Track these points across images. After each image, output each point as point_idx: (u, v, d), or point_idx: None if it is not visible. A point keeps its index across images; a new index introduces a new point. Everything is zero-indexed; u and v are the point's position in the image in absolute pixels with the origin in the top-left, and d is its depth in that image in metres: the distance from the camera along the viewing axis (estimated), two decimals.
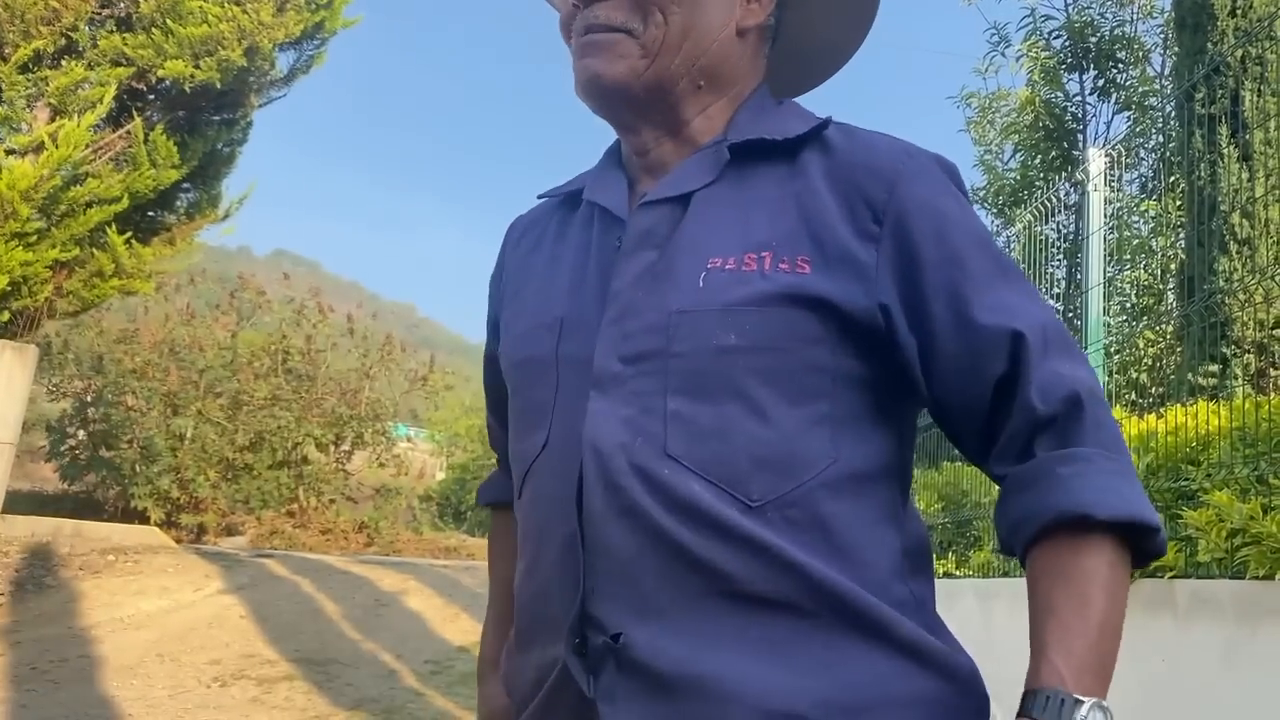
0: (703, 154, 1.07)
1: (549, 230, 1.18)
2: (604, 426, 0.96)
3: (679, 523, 0.93)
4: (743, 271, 0.98)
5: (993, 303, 0.97)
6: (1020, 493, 0.94)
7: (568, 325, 1.04)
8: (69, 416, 14.65)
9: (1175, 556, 3.47)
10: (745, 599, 0.92)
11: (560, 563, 0.98)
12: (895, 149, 1.03)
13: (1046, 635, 0.88)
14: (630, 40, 1.05)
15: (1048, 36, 8.80)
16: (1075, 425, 0.93)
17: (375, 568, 10.21)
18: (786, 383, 0.96)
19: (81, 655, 6.97)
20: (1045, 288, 6.41)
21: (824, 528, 0.95)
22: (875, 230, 0.99)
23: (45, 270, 8.27)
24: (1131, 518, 0.89)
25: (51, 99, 8.42)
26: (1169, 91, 7.82)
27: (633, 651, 0.92)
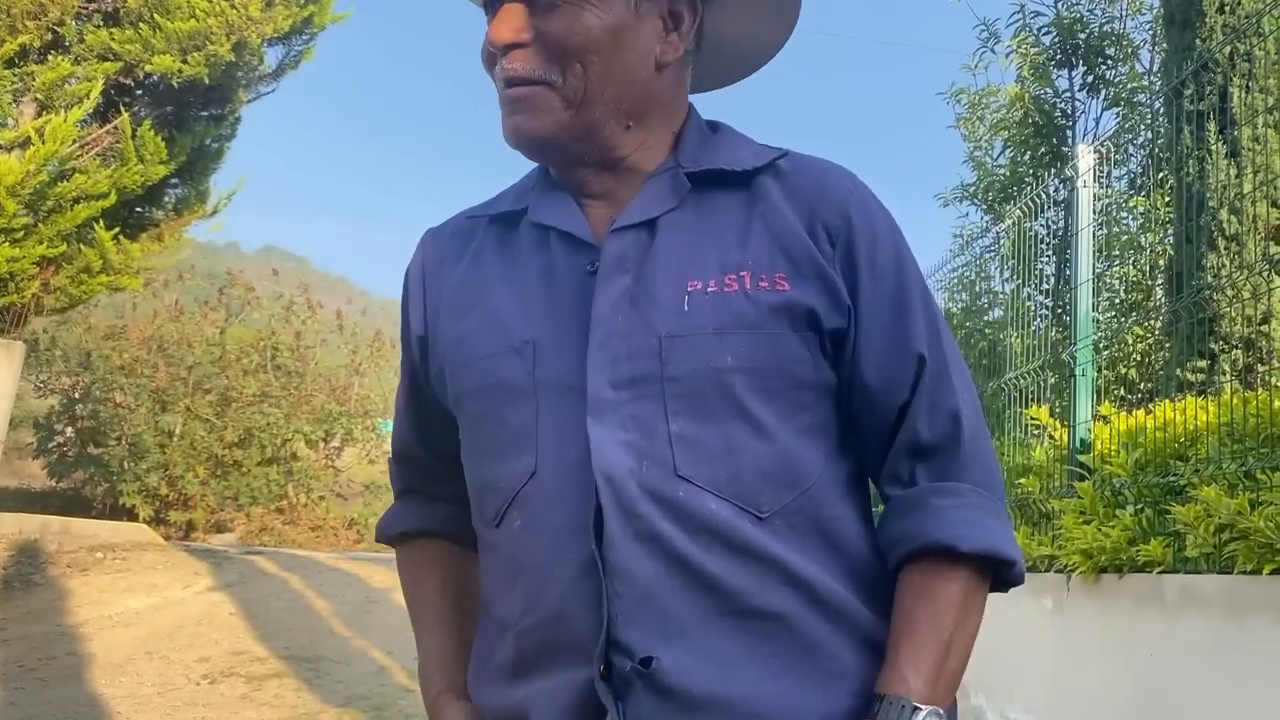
0: (660, 180, 1.09)
1: (484, 247, 1.16)
2: (610, 453, 0.98)
3: (697, 543, 0.97)
4: (725, 293, 1.02)
5: (911, 331, 1.06)
6: (899, 516, 1.04)
7: (542, 350, 1.05)
8: (57, 413, 14.59)
9: (1164, 552, 3.49)
10: (754, 615, 0.98)
11: (575, 589, 0.99)
12: (844, 177, 1.11)
13: (901, 648, 0.98)
14: (551, 93, 1.05)
15: (1037, 33, 8.81)
16: (955, 459, 1.05)
17: (365, 564, 10.19)
18: (780, 398, 1.02)
19: (70, 653, 6.95)
20: (1035, 283, 6.44)
21: (822, 531, 1.03)
22: (832, 252, 1.06)
23: (32, 266, 8.23)
24: (991, 551, 1.00)
25: (38, 94, 8.38)
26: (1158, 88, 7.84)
27: (663, 675, 0.95)
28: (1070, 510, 4.18)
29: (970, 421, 1.06)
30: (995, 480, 1.06)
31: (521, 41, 1.05)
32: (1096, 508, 4.02)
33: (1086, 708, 3.78)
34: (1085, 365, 4.68)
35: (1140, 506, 3.82)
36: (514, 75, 1.06)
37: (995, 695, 4.41)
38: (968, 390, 1.08)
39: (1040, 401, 5.17)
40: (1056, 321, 6.51)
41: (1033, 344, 5.61)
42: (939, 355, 1.07)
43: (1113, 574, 3.76)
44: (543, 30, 1.05)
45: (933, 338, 1.07)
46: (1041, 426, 4.94)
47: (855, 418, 1.08)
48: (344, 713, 5.83)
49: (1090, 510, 4.04)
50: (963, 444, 1.05)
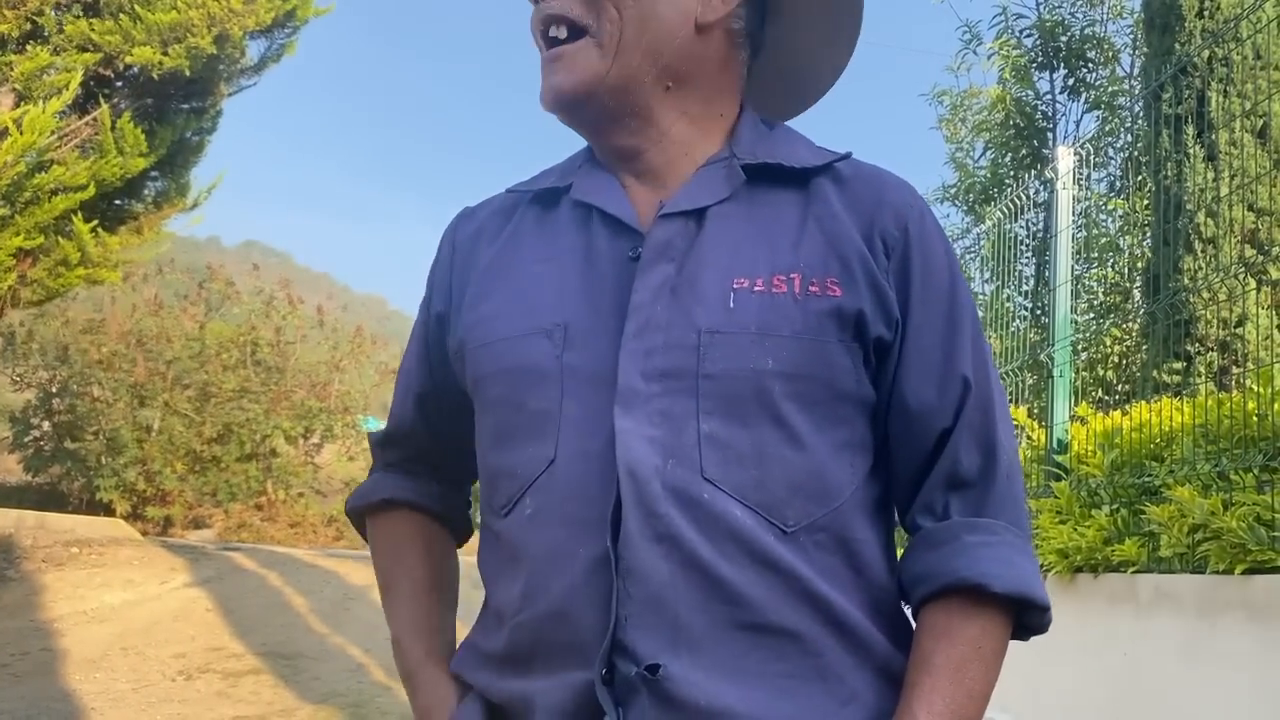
0: (713, 169, 1.05)
1: (522, 225, 1.12)
2: (635, 448, 0.94)
3: (717, 550, 0.93)
4: (774, 294, 0.98)
5: (959, 354, 1.02)
6: (927, 550, 0.99)
7: (574, 334, 1.00)
8: (33, 407, 14.49)
9: (1138, 551, 3.51)
10: (770, 631, 0.93)
11: (584, 586, 0.94)
12: (904, 188, 1.07)
13: (918, 690, 0.93)
14: (588, 44, 1.02)
15: (1019, 35, 8.86)
16: (990, 495, 1.00)
17: (344, 561, 10.15)
18: (817, 408, 0.97)
19: (44, 648, 6.89)
20: (1014, 285, 6.47)
21: (848, 551, 0.98)
22: (886, 264, 1.02)
23: (9, 258, 8.14)
24: (1024, 594, 0.95)
25: (16, 84, 8.28)
26: (1137, 91, 7.90)
27: (670, 685, 0.91)
28: (1047, 510, 4.20)
29: (1009, 457, 1.02)
30: (1026, 521, 1.02)
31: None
32: (1073, 508, 4.04)
33: (1061, 706, 3.81)
34: (1063, 366, 4.71)
35: (1116, 507, 3.85)
36: (550, 13, 1.03)
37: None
38: (1008, 427, 1.04)
39: (1018, 402, 5.20)
40: (1035, 323, 6.55)
41: (1011, 345, 5.64)
42: (985, 383, 1.02)
43: (1088, 573, 3.78)
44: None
45: (980, 365, 1.03)
46: (1019, 427, 4.96)
47: (892, 441, 1.03)
48: (320, 709, 5.81)
49: (1066, 510, 4.07)
50: (999, 478, 1.00)
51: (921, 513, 1.01)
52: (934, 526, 1.00)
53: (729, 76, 1.10)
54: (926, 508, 1.01)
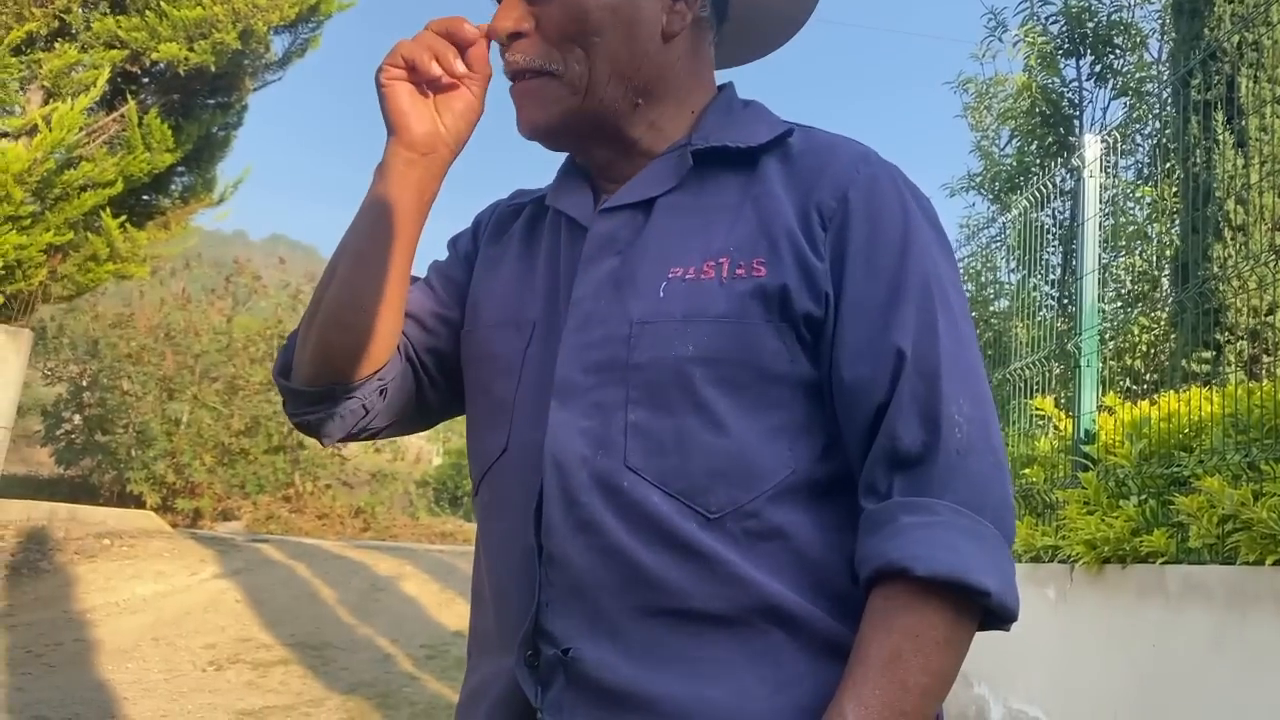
0: (665, 160, 1.06)
1: (518, 229, 1.17)
2: (565, 438, 0.96)
3: (637, 539, 0.93)
4: (701, 280, 0.97)
5: (894, 323, 0.96)
6: (866, 533, 0.93)
7: (539, 330, 1.04)
8: (64, 401, 14.66)
9: (1167, 543, 3.48)
10: (696, 617, 0.92)
11: (518, 571, 0.98)
12: (853, 157, 1.03)
13: (849, 682, 0.88)
14: (556, 82, 1.04)
15: (1045, 22, 8.77)
16: (934, 472, 0.93)
17: (371, 552, 10.23)
18: (745, 393, 0.95)
19: (77, 639, 6.98)
20: (1041, 274, 6.42)
21: (783, 537, 0.95)
22: (822, 235, 0.98)
23: (39, 254, 8.24)
24: (955, 578, 0.87)
25: (45, 81, 8.37)
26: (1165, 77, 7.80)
27: (582, 667, 0.92)
28: (1074, 501, 4.18)
29: (961, 431, 0.93)
30: (989, 501, 0.93)
31: (522, 31, 1.04)
32: (1100, 498, 4.02)
33: (1089, 698, 3.79)
34: (1090, 356, 4.67)
35: (1144, 497, 3.82)
36: (517, 66, 1.05)
37: (998, 684, 4.42)
38: (970, 399, 0.95)
39: (1045, 392, 5.16)
40: (1062, 312, 6.49)
41: (1038, 334, 5.60)
42: (929, 354, 0.95)
43: (1116, 565, 3.76)
44: (541, 18, 1.03)
45: (925, 333, 0.96)
46: (1046, 417, 4.93)
47: (839, 419, 0.98)
48: (349, 699, 5.86)
49: (1094, 501, 4.04)
50: (945, 454, 0.92)
51: (865, 493, 0.95)
52: (874, 508, 0.94)
53: (698, 65, 1.11)
54: (870, 488, 0.95)
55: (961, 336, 0.99)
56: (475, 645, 1.08)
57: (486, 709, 1.00)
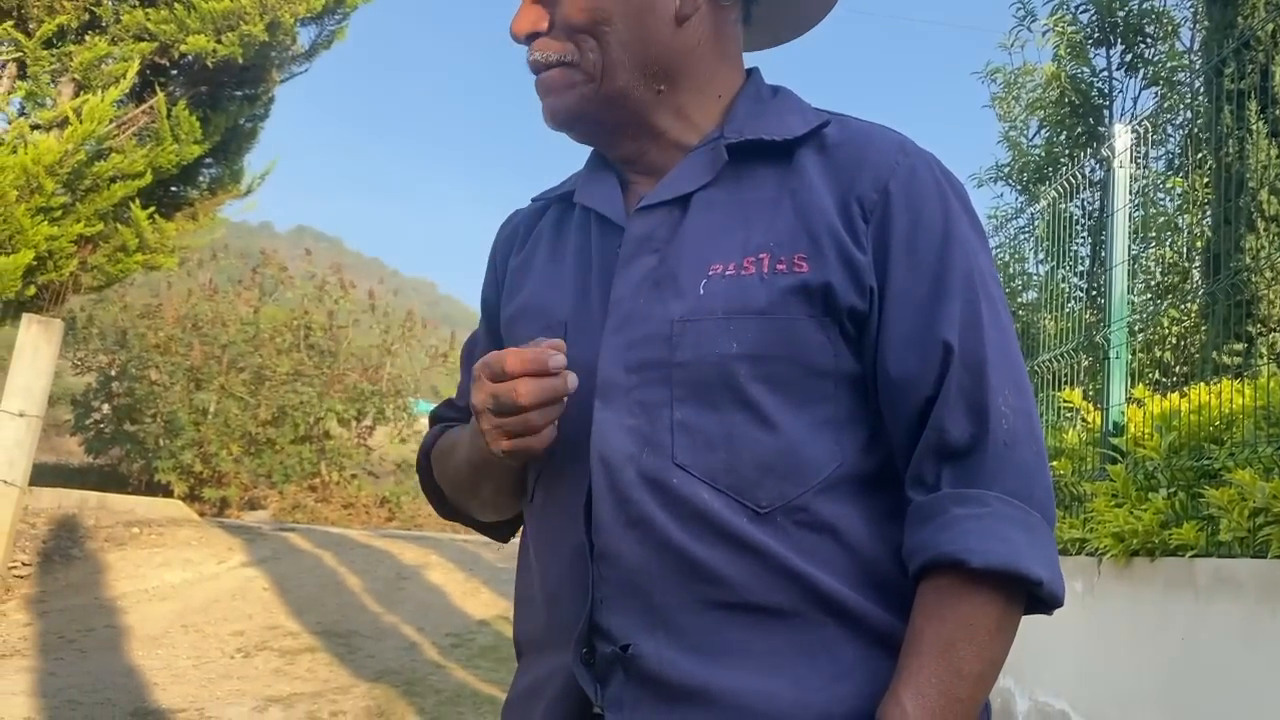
0: (699, 154, 1.06)
1: (544, 229, 1.18)
2: (611, 437, 0.97)
3: (689, 533, 0.94)
4: (742, 277, 0.98)
5: (941, 317, 0.97)
6: (916, 525, 0.95)
7: (572, 331, 1.04)
8: (93, 390, 14.81)
9: (1196, 536, 3.46)
10: (751, 610, 0.93)
11: (570, 570, 0.99)
12: (891, 147, 1.03)
13: (905, 672, 0.90)
14: (572, 70, 1.05)
15: (1074, 11, 8.69)
16: (984, 464, 0.94)
17: (397, 542, 10.29)
18: (790, 388, 0.96)
19: (108, 625, 7.08)
20: (1069, 265, 6.37)
21: (832, 530, 0.96)
22: (864, 227, 0.99)
23: (70, 245, 8.32)
24: (1009, 568, 0.90)
25: (75, 74, 8.45)
26: (1198, 67, 7.71)
27: (641, 662, 0.93)
28: (1102, 493, 4.15)
29: (1008, 422, 0.95)
30: (1036, 491, 0.95)
31: (540, 30, 1.07)
32: (1129, 491, 3.99)
33: (1117, 691, 3.77)
34: (1120, 348, 4.64)
35: (1173, 490, 3.78)
36: (536, 62, 1.07)
37: (1024, 678, 4.40)
38: (1014, 391, 0.97)
39: (1073, 384, 5.13)
40: (1091, 304, 6.44)
41: (1066, 326, 5.56)
42: (976, 346, 0.96)
43: (1144, 557, 3.73)
44: (555, 14, 1.06)
45: (971, 327, 0.97)
46: (1074, 409, 4.90)
47: (883, 412, 0.99)
48: (375, 687, 5.91)
49: (1122, 493, 4.01)
50: (993, 446, 0.94)
51: (913, 485, 0.97)
52: (923, 499, 0.96)
53: (723, 48, 1.10)
54: (917, 480, 0.97)
55: (1003, 326, 1.00)
56: (525, 646, 1.09)
57: (544, 708, 1.00)
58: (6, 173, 7.67)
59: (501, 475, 1.10)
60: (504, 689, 6.01)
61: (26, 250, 7.92)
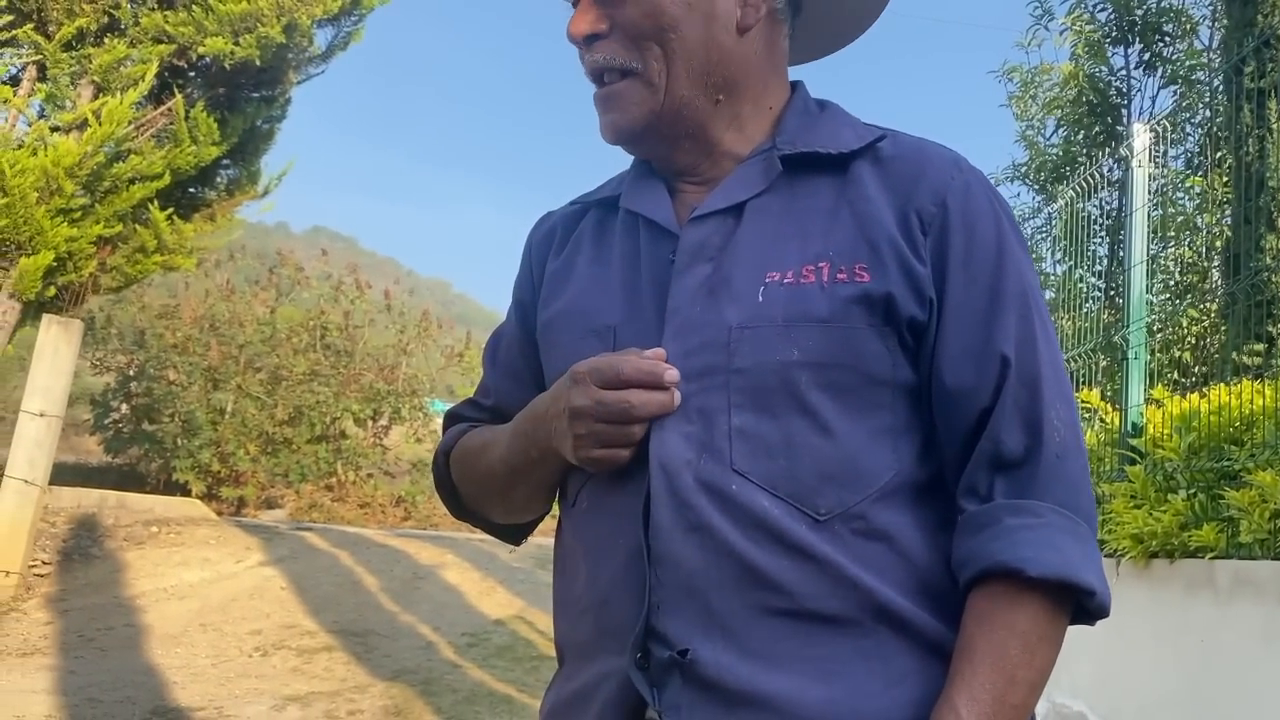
0: (752, 163, 1.07)
1: (585, 232, 1.18)
2: (670, 443, 0.97)
3: (749, 539, 0.94)
4: (801, 285, 0.98)
5: (998, 330, 0.99)
6: (969, 534, 0.96)
7: (621, 336, 1.05)
8: (112, 390, 14.88)
9: (1216, 537, 3.44)
10: (808, 617, 0.94)
11: (623, 575, 0.98)
12: (946, 162, 1.05)
13: (958, 679, 0.91)
14: (637, 83, 1.05)
15: (1092, 10, 8.65)
16: (1037, 476, 0.96)
17: (413, 541, 10.32)
18: (849, 396, 0.97)
19: (127, 624, 7.12)
20: (1087, 265, 6.34)
21: (888, 538, 0.97)
22: (923, 240, 1.00)
23: (89, 246, 8.39)
24: (1063, 578, 0.91)
25: (95, 76, 8.52)
26: (1217, 65, 7.67)
27: (699, 667, 0.93)
28: (1121, 494, 4.13)
29: (1060, 436, 0.98)
30: (1083, 503, 0.97)
31: (599, 32, 1.06)
32: (1148, 492, 3.97)
33: (1135, 693, 3.75)
34: (1138, 348, 4.62)
35: (1193, 491, 3.77)
36: (597, 65, 1.06)
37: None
38: (1064, 405, 0.99)
39: (1091, 385, 5.11)
40: (1109, 303, 6.41)
41: (1084, 326, 5.53)
42: (1030, 360, 0.99)
43: (1163, 559, 3.72)
44: (617, 17, 1.05)
45: (1025, 341, 0.99)
46: (1092, 410, 4.88)
47: (937, 422, 1.01)
48: (392, 686, 5.93)
49: (1141, 494, 4.00)
50: (1046, 458, 0.97)
51: (966, 495, 0.99)
52: (976, 509, 0.97)
53: (775, 60, 1.12)
54: (970, 490, 0.99)
55: (1053, 342, 1.02)
56: (570, 651, 1.08)
57: (596, 712, 0.99)
58: (27, 175, 7.74)
59: (540, 479, 1.10)
60: (520, 689, 6.04)
61: (47, 251, 7.99)
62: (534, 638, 7.30)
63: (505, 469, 1.11)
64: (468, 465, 1.19)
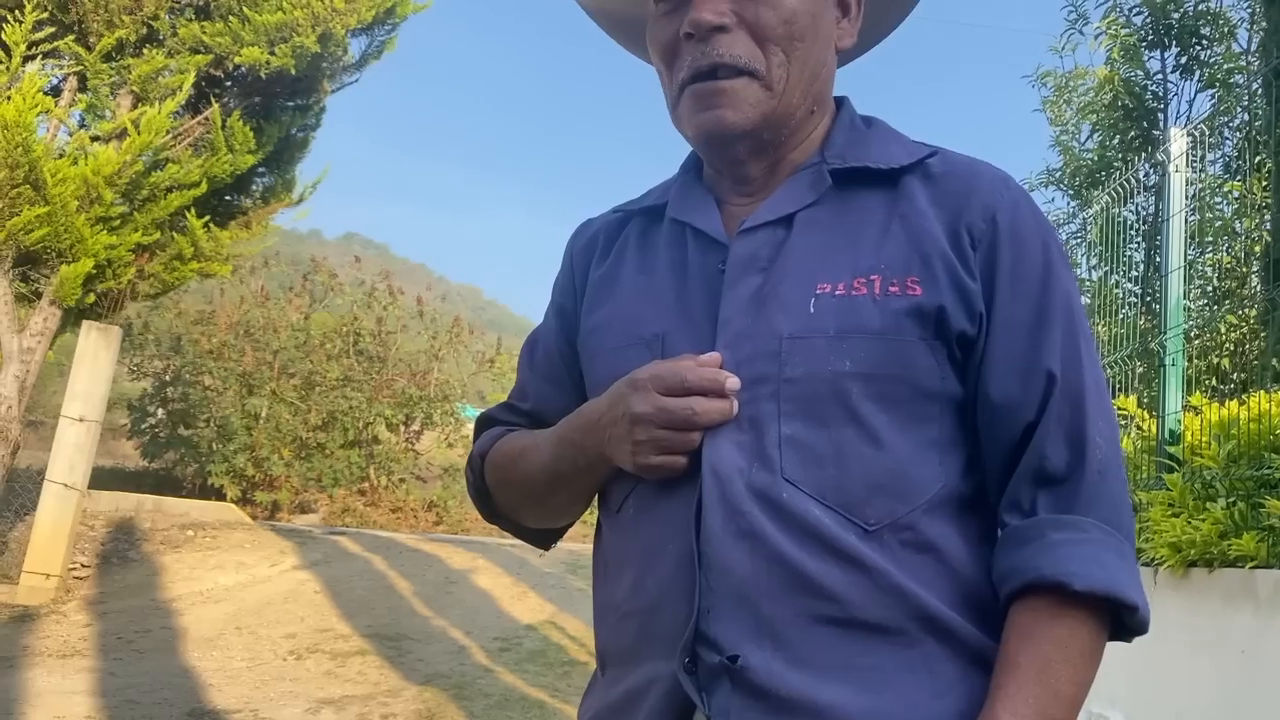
0: (801, 176, 1.08)
1: (629, 240, 1.19)
2: (722, 450, 0.98)
3: (800, 547, 0.95)
4: (853, 297, 0.99)
5: (1045, 347, 1.00)
6: (1012, 548, 0.97)
7: (670, 343, 1.05)
8: (149, 396, 15.08)
9: (1257, 546, 3.40)
10: (857, 625, 0.94)
11: (672, 580, 0.99)
12: (996, 180, 1.06)
13: (1001, 692, 0.91)
14: (755, 85, 1.05)
15: (1128, 13, 8.56)
16: (1080, 491, 0.97)
17: (445, 546, 10.37)
18: (899, 408, 0.98)
19: (164, 626, 7.21)
20: (1123, 271, 6.28)
21: (935, 550, 0.98)
22: (973, 255, 1.01)
23: (128, 253, 8.51)
24: (1109, 593, 0.92)
25: (134, 86, 8.64)
26: (1256, 68, 7.58)
27: (750, 674, 0.93)
28: (1158, 503, 4.09)
29: (1102, 453, 0.99)
30: (1124, 519, 0.98)
31: (725, 25, 1.04)
32: (1186, 500, 3.93)
33: (1173, 705, 3.71)
34: (1176, 354, 4.57)
35: (1232, 500, 3.72)
36: (722, 60, 1.03)
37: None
38: (1106, 421, 1.00)
39: (1128, 391, 5.06)
40: (1145, 310, 6.35)
41: (1120, 332, 5.48)
42: (1075, 376, 1.00)
43: (1202, 568, 3.67)
44: (745, 15, 1.04)
45: (1071, 358, 1.00)
46: (1129, 417, 4.83)
47: (980, 435, 1.02)
48: (425, 690, 5.96)
49: (1179, 503, 3.95)
50: (1089, 474, 0.98)
51: (1009, 509, 1.00)
52: (1020, 524, 0.98)
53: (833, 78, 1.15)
54: (1014, 504, 0.99)
55: (1095, 359, 1.04)
56: (613, 655, 1.08)
57: (644, 716, 0.99)
58: (67, 183, 7.86)
59: (582, 486, 1.11)
60: (552, 694, 6.05)
61: (86, 259, 8.11)
62: (565, 643, 7.32)
63: (546, 475, 1.12)
64: (505, 470, 1.19)
